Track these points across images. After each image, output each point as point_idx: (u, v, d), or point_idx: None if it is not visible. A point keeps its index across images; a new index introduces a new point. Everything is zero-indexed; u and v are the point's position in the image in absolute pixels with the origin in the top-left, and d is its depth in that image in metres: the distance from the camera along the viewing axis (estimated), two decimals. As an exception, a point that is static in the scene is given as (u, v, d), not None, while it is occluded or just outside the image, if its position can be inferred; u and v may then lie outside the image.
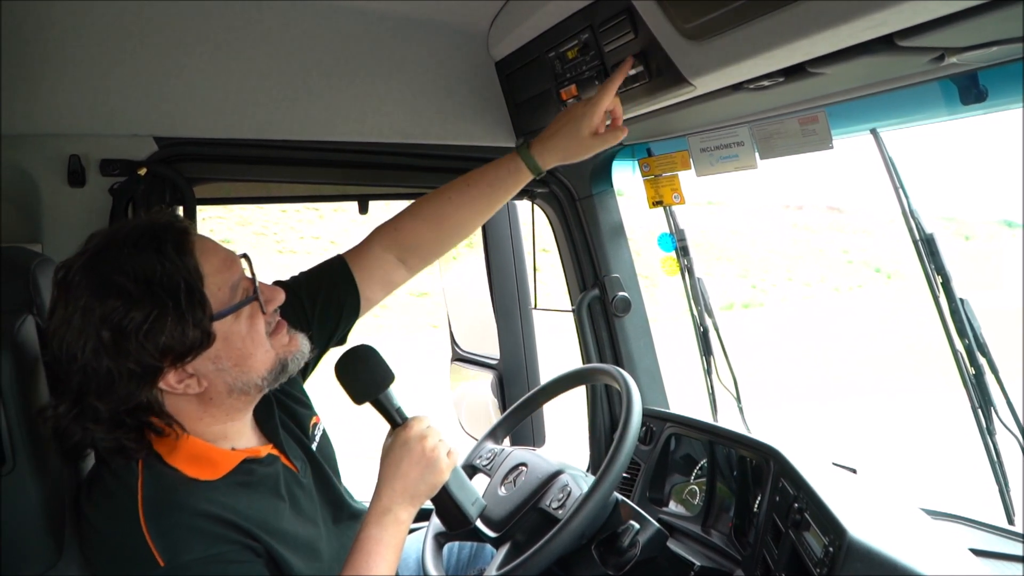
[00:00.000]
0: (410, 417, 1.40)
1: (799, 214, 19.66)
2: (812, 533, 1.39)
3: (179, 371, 1.23)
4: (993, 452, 1.68)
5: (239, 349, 1.27)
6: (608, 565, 1.60)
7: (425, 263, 1.69)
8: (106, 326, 1.16)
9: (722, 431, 1.88)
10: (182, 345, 1.20)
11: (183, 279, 1.19)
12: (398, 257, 1.64)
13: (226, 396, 1.29)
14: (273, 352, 1.31)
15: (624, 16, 1.50)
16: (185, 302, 1.18)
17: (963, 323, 1.65)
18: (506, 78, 2.12)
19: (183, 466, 1.25)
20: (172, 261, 1.19)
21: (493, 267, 2.57)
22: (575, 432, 2.66)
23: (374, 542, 1.33)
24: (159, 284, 1.17)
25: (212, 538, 1.20)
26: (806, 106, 1.67)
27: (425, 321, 13.46)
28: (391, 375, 1.41)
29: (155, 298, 1.17)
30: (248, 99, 2.00)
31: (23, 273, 1.27)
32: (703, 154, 2.01)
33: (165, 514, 1.19)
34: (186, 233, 1.24)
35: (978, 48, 1.18)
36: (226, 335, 1.25)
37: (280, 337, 1.33)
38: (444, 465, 1.36)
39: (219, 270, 1.26)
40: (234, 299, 1.26)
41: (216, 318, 1.23)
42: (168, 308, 1.17)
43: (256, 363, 1.29)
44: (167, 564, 1.16)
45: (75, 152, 1.93)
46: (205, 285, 1.22)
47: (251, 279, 1.30)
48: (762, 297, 16.82)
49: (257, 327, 1.29)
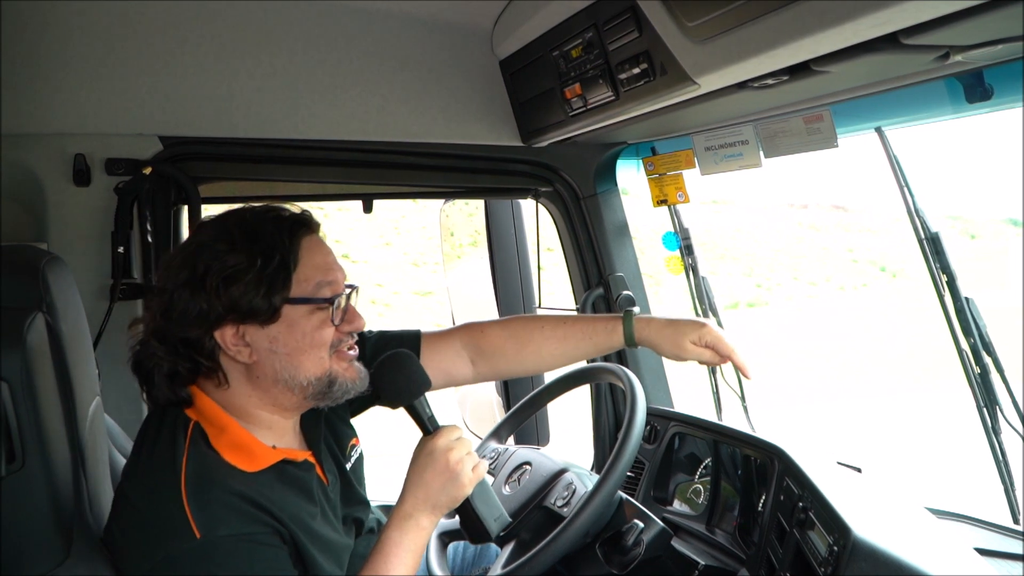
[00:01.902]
0: (441, 426, 1.40)
1: (804, 213, 19.61)
2: (817, 532, 1.39)
3: (238, 333, 1.29)
4: (998, 451, 1.67)
5: (297, 342, 1.31)
6: (612, 564, 1.61)
7: (492, 373, 1.74)
8: (203, 261, 1.27)
9: (726, 430, 1.88)
10: (248, 306, 1.27)
11: (280, 252, 1.29)
12: (471, 357, 1.69)
13: (272, 383, 1.33)
14: (327, 364, 1.34)
15: (628, 15, 1.50)
16: (271, 270, 1.27)
17: (968, 322, 1.64)
18: (510, 77, 2.12)
19: (225, 452, 1.29)
20: (281, 237, 1.30)
21: (497, 266, 2.57)
22: (579, 431, 2.66)
23: (393, 544, 1.35)
24: (259, 245, 1.28)
25: (247, 518, 1.24)
26: (811, 104, 1.67)
27: (429, 320, 13.47)
28: (427, 382, 1.42)
29: (249, 254, 1.27)
30: (253, 98, 2.01)
31: (33, 271, 1.27)
32: (707, 153, 2.01)
33: (206, 489, 1.24)
34: (304, 225, 1.34)
35: (983, 46, 1.18)
36: (292, 323, 1.31)
37: (342, 359, 1.37)
38: (467, 479, 1.37)
39: (317, 266, 1.33)
40: (315, 294, 1.32)
41: (289, 301, 1.30)
42: (255, 267, 1.27)
43: (307, 363, 1.32)
44: (203, 536, 1.20)
45: (80, 151, 1.94)
46: (296, 269, 1.30)
47: (344, 297, 1.36)
48: (767, 296, 16.78)
49: (322, 333, 1.33)
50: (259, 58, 2.00)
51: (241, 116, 2.01)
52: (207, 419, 1.32)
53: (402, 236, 15.49)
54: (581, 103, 1.80)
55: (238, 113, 2.01)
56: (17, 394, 1.16)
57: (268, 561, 1.25)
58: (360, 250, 14.60)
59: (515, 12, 1.92)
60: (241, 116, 2.01)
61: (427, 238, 14.67)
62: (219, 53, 1.98)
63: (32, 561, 1.20)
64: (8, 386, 1.14)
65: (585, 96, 1.77)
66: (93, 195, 1.96)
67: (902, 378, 11.42)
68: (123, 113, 1.95)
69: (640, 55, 1.52)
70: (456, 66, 2.12)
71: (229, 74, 1.99)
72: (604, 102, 1.72)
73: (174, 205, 2.04)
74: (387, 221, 15.46)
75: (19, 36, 1.84)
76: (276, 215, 1.34)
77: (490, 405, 2.62)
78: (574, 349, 1.67)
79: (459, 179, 2.28)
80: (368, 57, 2.06)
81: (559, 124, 1.96)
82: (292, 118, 2.04)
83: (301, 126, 2.05)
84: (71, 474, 1.27)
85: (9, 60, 1.84)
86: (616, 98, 1.68)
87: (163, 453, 1.28)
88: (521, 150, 2.22)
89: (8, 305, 1.20)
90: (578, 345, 1.66)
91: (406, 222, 15.50)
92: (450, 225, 2.91)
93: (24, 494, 1.18)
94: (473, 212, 2.80)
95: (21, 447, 1.17)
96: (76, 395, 1.31)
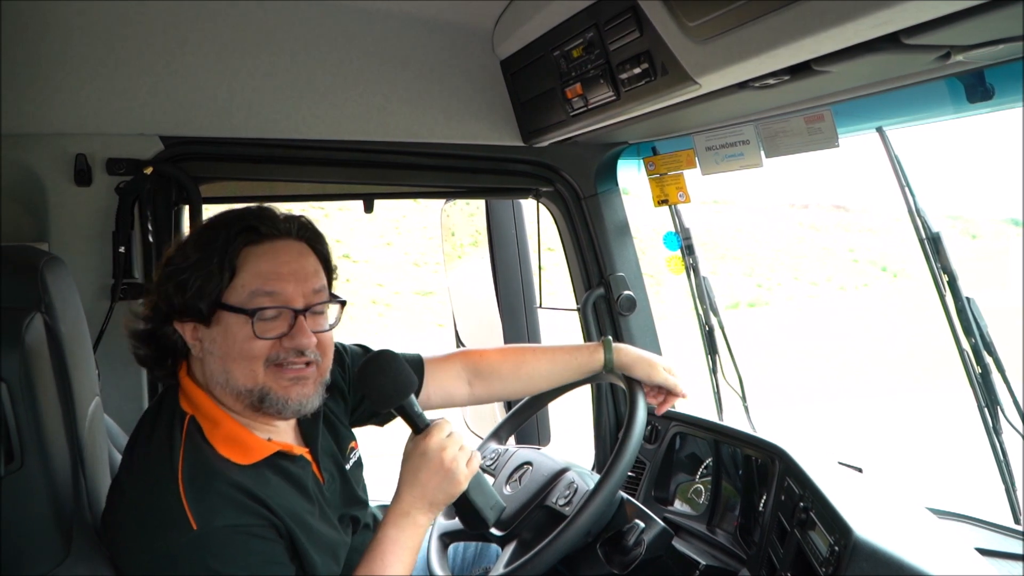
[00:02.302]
0: (432, 423, 1.40)
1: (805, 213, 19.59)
2: (818, 532, 1.39)
3: (196, 329, 1.33)
4: (999, 451, 1.67)
5: (228, 349, 1.32)
6: (613, 564, 1.60)
7: (486, 394, 1.82)
8: (175, 259, 1.34)
9: (727, 430, 1.88)
10: (183, 303, 1.32)
11: (219, 258, 1.31)
12: (468, 378, 1.78)
13: (214, 384, 1.34)
14: (260, 378, 1.32)
15: (629, 15, 1.50)
16: (206, 273, 1.30)
17: (969, 322, 1.64)
18: (511, 77, 2.12)
19: (219, 446, 1.30)
20: (230, 243, 1.32)
21: (498, 266, 2.57)
22: (580, 432, 2.66)
23: (390, 542, 1.35)
24: (207, 248, 1.32)
25: (242, 509, 1.25)
26: (812, 104, 1.67)
27: (430, 320, 13.47)
28: (413, 381, 1.42)
29: (196, 256, 1.32)
30: (254, 98, 2.01)
31: (32, 271, 1.27)
32: (708, 152, 2.01)
33: (202, 481, 1.25)
34: (251, 231, 1.34)
35: (984, 46, 1.17)
36: (226, 328, 1.31)
37: (283, 375, 1.33)
38: (463, 476, 1.37)
39: (255, 276, 1.32)
40: (247, 304, 1.31)
41: (220, 306, 1.31)
42: (199, 267, 1.31)
43: (236, 372, 1.32)
44: (199, 527, 1.21)
45: (81, 151, 1.94)
46: (235, 275, 1.32)
47: (292, 312, 1.32)
48: (768, 296, 16.78)
49: (252, 344, 1.31)
50: (260, 58, 2.00)
51: (242, 116, 2.01)
52: (202, 413, 1.33)
53: (403, 236, 15.49)
54: (582, 103, 1.80)
55: (239, 113, 2.01)
56: (16, 394, 1.16)
57: (262, 554, 1.26)
58: (361, 250, 14.61)
59: (516, 12, 1.92)
60: (242, 116, 2.01)
61: (428, 238, 14.67)
62: (220, 53, 1.98)
63: (32, 561, 1.20)
64: (7, 386, 1.14)
65: (586, 96, 1.77)
66: (94, 195, 1.96)
67: (903, 378, 11.41)
68: (124, 113, 1.95)
69: (641, 55, 1.52)
70: (457, 66, 2.12)
71: (230, 74, 1.99)
72: (605, 102, 1.72)
73: (175, 205, 2.04)
74: (388, 221, 15.46)
75: (20, 36, 1.84)
76: (234, 220, 1.35)
77: (491, 405, 2.62)
78: (561, 368, 1.79)
79: (460, 179, 2.28)
80: (369, 57, 2.06)
81: (560, 124, 1.96)
82: (293, 118, 2.04)
83: (302, 126, 2.05)
84: (70, 474, 1.27)
85: (10, 60, 1.84)
86: (617, 98, 1.68)
87: (160, 447, 1.29)
88: (522, 150, 2.22)
89: (6, 305, 1.21)
90: (566, 364, 1.78)
91: (407, 222, 15.51)
92: (451, 225, 2.91)
93: (23, 494, 1.18)
94: (474, 212, 2.80)
95: (20, 447, 1.17)
96: (75, 395, 1.31)
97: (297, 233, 1.38)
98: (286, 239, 1.36)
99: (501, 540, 1.70)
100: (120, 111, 1.95)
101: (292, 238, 1.37)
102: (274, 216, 1.37)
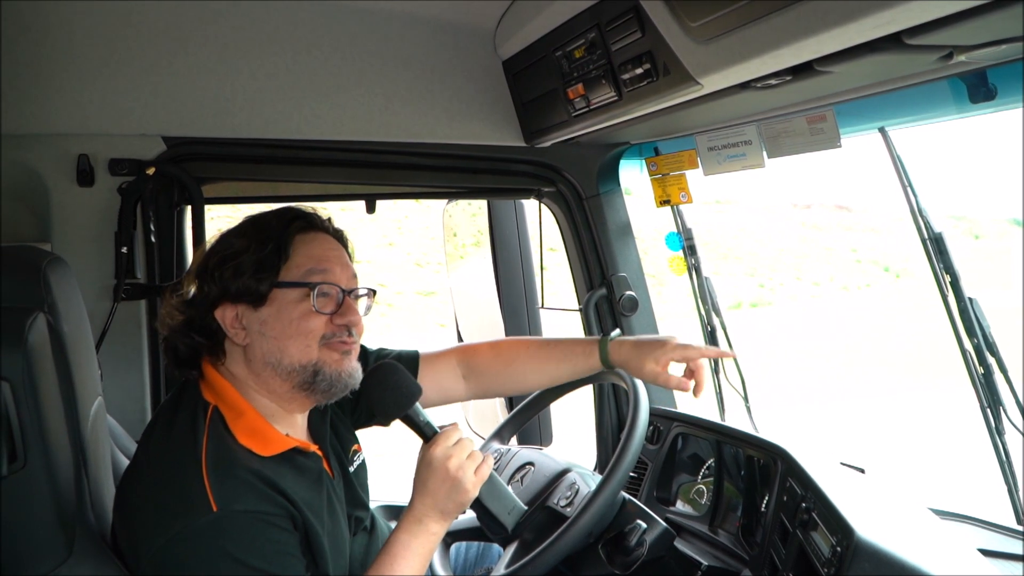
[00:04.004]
0: (439, 430, 1.40)
1: (807, 213, 19.60)
2: (820, 533, 1.38)
3: (237, 316, 1.35)
4: (1002, 451, 1.67)
5: (284, 327, 1.35)
6: (615, 564, 1.60)
7: (481, 390, 1.77)
8: (212, 250, 1.39)
9: (729, 430, 1.88)
10: (239, 285, 1.34)
11: (275, 240, 1.36)
12: (463, 373, 1.74)
13: (262, 366, 1.36)
14: (315, 354, 1.36)
15: (631, 15, 1.50)
16: (264, 254, 1.35)
17: (972, 322, 1.64)
18: (513, 77, 2.12)
19: (241, 436, 1.32)
20: (283, 228, 1.38)
21: (500, 266, 2.57)
22: (582, 432, 2.66)
23: (402, 547, 1.37)
24: (260, 234, 1.37)
25: (262, 496, 1.27)
26: (814, 104, 1.67)
27: (432, 320, 13.48)
28: (417, 390, 1.42)
29: (249, 240, 1.37)
30: (256, 99, 2.01)
31: (35, 271, 1.27)
32: (711, 153, 2.01)
33: (225, 466, 1.27)
34: (303, 219, 1.42)
35: (986, 46, 1.17)
36: (281, 307, 1.35)
37: (333, 350, 1.38)
38: (470, 484, 1.37)
39: (310, 257, 1.38)
40: (303, 280, 1.36)
41: (277, 284, 1.35)
42: (251, 250, 1.35)
43: (292, 349, 1.35)
44: (220, 509, 1.22)
45: (84, 152, 1.94)
46: (289, 258, 1.37)
47: (342, 291, 1.39)
48: (770, 296, 16.78)
49: (309, 322, 1.35)
50: (262, 58, 2.00)
51: (244, 116, 2.02)
52: (226, 403, 1.35)
53: (405, 236, 15.51)
54: (584, 103, 1.80)
55: (241, 113, 2.01)
56: (19, 394, 1.16)
57: (278, 543, 1.27)
58: (363, 250, 14.60)
59: (518, 12, 1.92)
60: (244, 116, 2.02)
61: (430, 238, 14.70)
62: (222, 53, 1.98)
63: (34, 561, 1.20)
64: (10, 386, 1.14)
65: (588, 96, 1.77)
66: (97, 195, 1.96)
67: (905, 378, 11.41)
68: (127, 113, 1.95)
69: (643, 55, 1.52)
70: (459, 66, 2.12)
71: (232, 74, 1.99)
72: (607, 102, 1.72)
73: (177, 205, 2.04)
74: (390, 221, 15.49)
75: (23, 37, 1.85)
76: (283, 212, 1.42)
77: (493, 406, 2.62)
78: (555, 367, 1.71)
79: (462, 179, 2.28)
80: (371, 57, 2.06)
81: (562, 124, 1.96)
82: (295, 118, 2.04)
83: (304, 126, 2.05)
84: (73, 474, 1.28)
85: (13, 61, 1.84)
86: (619, 98, 1.68)
87: (183, 432, 1.31)
88: (524, 150, 2.22)
89: (9, 305, 1.21)
90: (559, 363, 1.70)
91: (409, 222, 15.53)
92: (453, 225, 2.91)
93: (26, 494, 1.18)
94: (476, 212, 2.80)
95: (23, 447, 1.17)
96: (78, 395, 1.31)
97: (332, 231, 1.47)
98: (326, 233, 1.45)
99: (503, 540, 1.70)
100: (122, 111, 1.95)
101: (330, 234, 1.46)
102: (315, 213, 1.46)
